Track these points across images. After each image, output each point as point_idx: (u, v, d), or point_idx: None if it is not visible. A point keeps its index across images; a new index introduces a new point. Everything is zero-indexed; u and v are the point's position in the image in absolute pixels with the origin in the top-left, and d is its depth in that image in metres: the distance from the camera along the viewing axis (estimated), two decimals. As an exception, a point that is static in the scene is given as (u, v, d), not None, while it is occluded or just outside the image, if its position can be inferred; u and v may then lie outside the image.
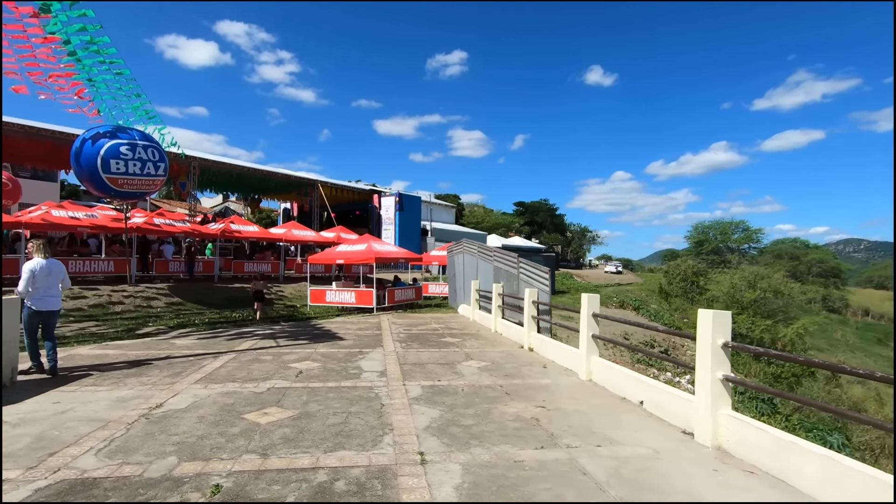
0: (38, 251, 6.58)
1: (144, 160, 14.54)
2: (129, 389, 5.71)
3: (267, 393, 5.67)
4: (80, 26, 10.43)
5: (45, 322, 6.52)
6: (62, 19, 10.12)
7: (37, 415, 4.73)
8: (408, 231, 35.02)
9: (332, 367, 7.22)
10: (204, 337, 10.09)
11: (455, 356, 8.30)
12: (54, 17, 10.06)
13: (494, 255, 12.33)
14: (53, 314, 6.62)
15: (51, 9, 9.92)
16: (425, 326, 12.34)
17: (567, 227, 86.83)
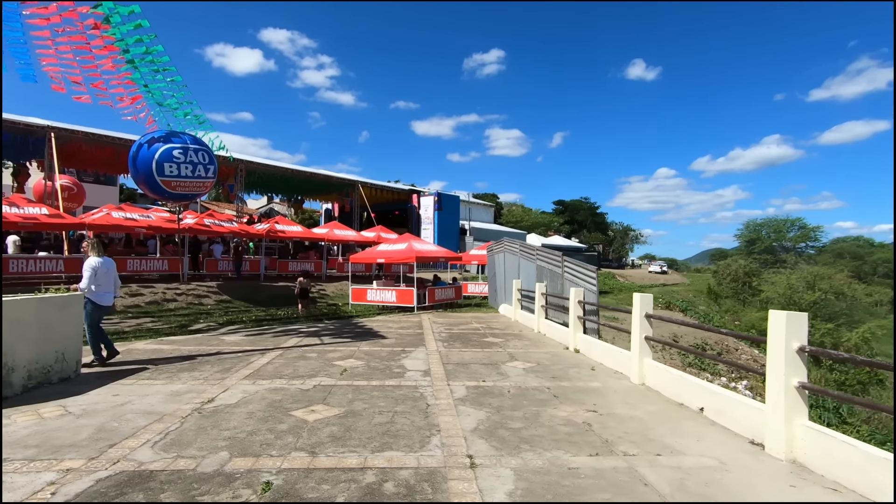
0: (94, 249, 6.91)
1: (195, 163, 15.13)
2: (182, 384, 5.87)
3: (313, 390, 5.69)
4: (137, 38, 10.89)
5: (101, 317, 6.86)
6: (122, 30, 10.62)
7: (98, 406, 4.92)
8: (446, 230, 35.04)
9: (375, 365, 7.21)
10: (251, 334, 10.34)
11: (499, 357, 8.13)
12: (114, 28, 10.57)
13: (537, 254, 12.06)
14: (110, 309, 6.98)
15: (110, 20, 10.42)
16: (466, 326, 12.22)
17: (609, 226, 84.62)
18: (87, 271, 6.68)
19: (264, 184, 31.37)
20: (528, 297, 12.96)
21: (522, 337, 10.45)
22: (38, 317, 5.52)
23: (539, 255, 11.90)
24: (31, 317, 5.42)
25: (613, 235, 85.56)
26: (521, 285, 13.65)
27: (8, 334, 5.11)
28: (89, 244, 7.05)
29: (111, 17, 10.40)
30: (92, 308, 6.69)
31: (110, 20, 10.45)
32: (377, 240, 24.09)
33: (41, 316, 5.57)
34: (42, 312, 5.59)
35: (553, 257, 10.85)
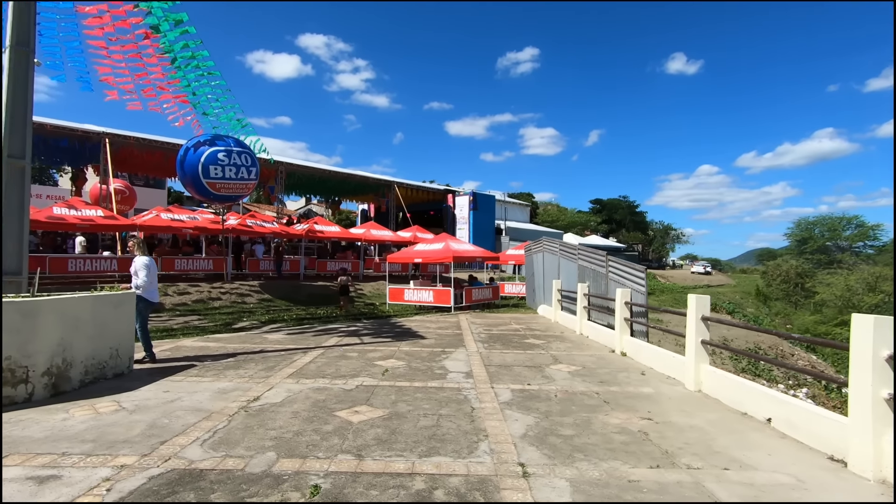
0: (139, 249, 7.14)
1: (239, 165, 15.54)
2: (228, 381, 5.94)
3: (356, 390, 5.64)
4: (184, 43, 11.21)
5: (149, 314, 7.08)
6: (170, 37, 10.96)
7: (149, 402, 5.01)
8: (482, 230, 34.82)
9: (416, 366, 7.11)
10: (293, 333, 10.47)
11: (542, 359, 7.89)
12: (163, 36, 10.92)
13: (579, 254, 11.71)
14: (158, 307, 7.21)
15: (160, 28, 10.77)
16: (505, 327, 12.00)
17: (648, 225, 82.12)
18: (142, 269, 6.90)
19: (303, 185, 32.00)
20: (569, 298, 12.61)
21: (564, 339, 10.15)
22: (93, 314, 5.70)
23: (581, 255, 11.55)
24: (87, 314, 5.61)
25: (653, 235, 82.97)
26: (562, 286, 13.31)
27: (66, 331, 5.30)
28: (136, 244, 7.27)
29: (160, 24, 10.75)
30: (144, 305, 6.89)
31: (159, 28, 10.81)
32: (413, 240, 24.15)
33: (97, 313, 5.75)
34: (98, 310, 5.78)
35: (597, 257, 10.49)
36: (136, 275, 6.93)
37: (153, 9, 10.31)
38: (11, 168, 6.15)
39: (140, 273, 6.89)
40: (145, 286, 6.87)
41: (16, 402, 4.83)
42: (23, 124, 6.26)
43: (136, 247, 7.24)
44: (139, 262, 6.95)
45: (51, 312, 5.12)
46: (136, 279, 6.89)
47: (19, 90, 6.24)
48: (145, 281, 6.86)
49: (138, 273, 6.90)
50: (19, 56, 6.26)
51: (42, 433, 4.08)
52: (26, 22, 6.40)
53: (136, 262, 6.99)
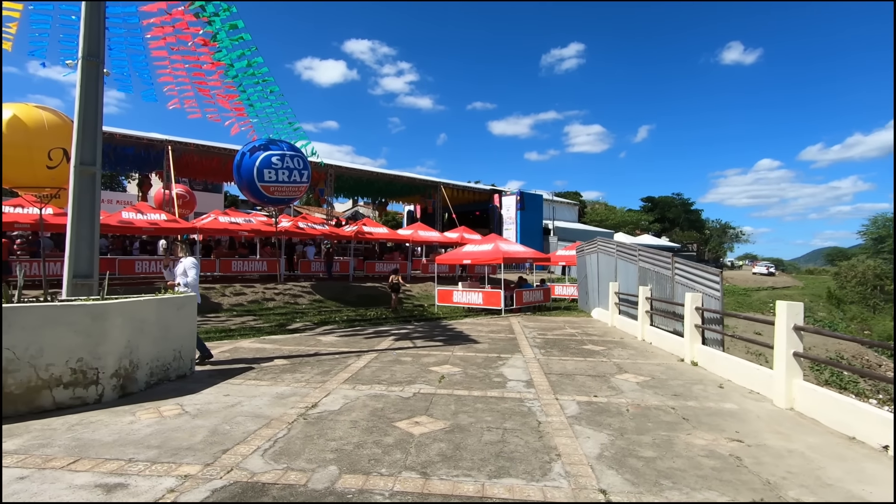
0: (183, 249, 7.27)
1: (291, 168, 15.84)
2: (286, 386, 5.89)
3: (414, 399, 5.44)
4: (241, 52, 11.48)
5: None
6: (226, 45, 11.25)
7: (210, 407, 5.01)
8: (529, 230, 34.16)
9: (473, 372, 6.84)
10: (345, 335, 10.47)
11: (605, 367, 7.42)
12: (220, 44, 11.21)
13: (640, 255, 11.07)
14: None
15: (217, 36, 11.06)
16: (560, 331, 11.53)
17: (704, 224, 78.17)
18: (192, 268, 7.01)
19: (351, 187, 32.55)
20: (628, 302, 11.97)
21: (625, 345, 9.59)
22: (158, 317, 5.79)
23: (642, 256, 10.90)
24: (152, 317, 5.70)
25: (709, 234, 78.92)
26: (619, 288, 12.67)
27: (133, 333, 5.39)
28: (179, 245, 7.41)
29: (218, 33, 11.05)
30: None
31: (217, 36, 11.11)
32: (460, 241, 23.93)
33: (161, 316, 5.85)
34: (162, 313, 5.87)
35: (660, 258, 9.85)
36: (185, 274, 7.02)
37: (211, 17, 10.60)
38: (83, 174, 6.38)
39: (190, 272, 6.98)
40: (193, 285, 6.96)
41: (87, 403, 4.95)
42: (93, 132, 6.49)
43: (181, 248, 7.36)
44: (188, 262, 7.05)
45: (118, 315, 5.22)
46: (186, 278, 6.98)
47: (90, 100, 6.46)
48: (195, 279, 6.96)
49: (188, 272, 6.99)
50: (90, 67, 6.49)
51: (110, 436, 4.11)
52: (96, 34, 6.64)
53: (185, 261, 7.07)
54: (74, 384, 4.87)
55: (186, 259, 7.13)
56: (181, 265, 7.12)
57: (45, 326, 4.73)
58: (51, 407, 4.74)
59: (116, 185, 46.79)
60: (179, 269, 7.11)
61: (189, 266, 7.02)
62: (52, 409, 4.74)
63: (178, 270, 7.12)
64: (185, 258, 7.15)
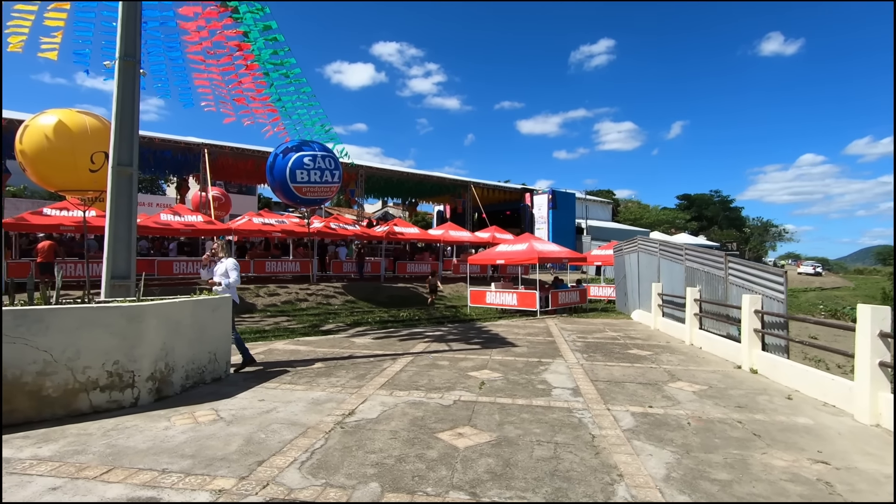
0: (224, 250, 7.07)
1: (323, 169, 15.83)
2: (321, 391, 5.68)
3: (455, 407, 5.13)
4: (273, 51, 11.44)
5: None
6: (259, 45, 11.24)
7: (245, 412, 4.83)
8: (562, 229, 33.44)
9: (514, 378, 6.49)
10: (379, 336, 10.27)
11: (655, 374, 6.94)
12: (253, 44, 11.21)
13: (687, 254, 10.45)
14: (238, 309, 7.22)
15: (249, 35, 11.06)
16: (601, 334, 11.02)
17: (744, 222, 75.14)
18: (234, 270, 6.84)
19: (381, 188, 32.61)
20: (673, 304, 11.36)
21: (673, 350, 9.04)
22: (193, 318, 5.69)
23: (690, 256, 10.29)
24: (188, 318, 5.60)
25: (750, 232, 75.81)
26: (663, 289, 12.05)
27: (169, 335, 5.29)
28: (220, 245, 7.14)
29: (250, 32, 11.04)
30: (233, 307, 6.79)
31: (249, 35, 11.10)
32: (492, 240, 23.55)
33: (196, 318, 5.75)
34: (197, 314, 5.77)
35: (711, 258, 9.24)
36: (226, 275, 6.83)
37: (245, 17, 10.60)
38: (120, 175, 6.36)
39: (232, 273, 6.81)
40: (234, 286, 6.84)
41: (123, 407, 4.85)
42: (130, 133, 6.46)
43: (221, 248, 7.13)
44: (230, 263, 6.89)
45: (154, 317, 5.12)
46: (227, 279, 6.80)
47: (127, 100, 6.44)
48: (237, 281, 6.85)
49: (230, 273, 6.81)
50: (126, 67, 6.47)
51: (145, 444, 3.96)
52: (132, 35, 6.62)
53: (227, 262, 6.90)
54: (111, 387, 4.78)
55: (228, 260, 6.95)
56: (223, 265, 6.92)
57: (83, 328, 4.66)
58: (88, 410, 4.66)
59: (156, 188, 48.42)
60: (220, 269, 6.92)
61: (231, 267, 6.87)
62: (88, 412, 4.66)
63: (218, 270, 6.95)
64: (226, 259, 7.00)
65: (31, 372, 4.41)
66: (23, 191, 31.45)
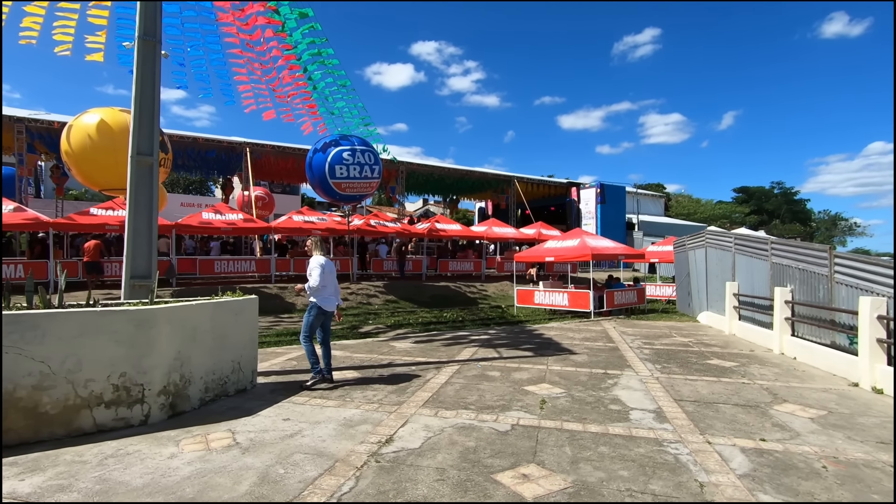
0: (317, 248, 6.08)
1: (362, 164, 15.22)
2: (355, 408, 4.90)
3: (513, 434, 4.22)
4: (311, 40, 10.86)
5: (325, 324, 6.01)
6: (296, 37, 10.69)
7: (266, 436, 4.10)
8: (611, 225, 31.66)
9: (580, 395, 5.50)
10: (420, 340, 9.47)
11: (751, 392, 5.75)
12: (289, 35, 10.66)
13: (773, 249, 9.05)
14: (332, 316, 6.07)
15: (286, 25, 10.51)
16: (668, 340, 9.77)
17: (810, 215, 69.76)
18: (315, 268, 5.75)
19: (422, 185, 31.93)
20: (754, 306, 9.95)
21: (762, 361, 7.73)
22: (213, 323, 5.04)
23: (778, 250, 8.88)
24: (206, 323, 4.96)
25: (816, 226, 70.30)
26: (739, 289, 10.63)
27: (184, 343, 4.65)
28: (313, 242, 6.17)
29: (286, 22, 10.48)
30: (316, 314, 5.82)
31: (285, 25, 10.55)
32: (538, 237, 22.38)
33: (217, 322, 5.10)
34: (218, 319, 5.12)
35: (809, 252, 7.85)
36: (309, 275, 5.79)
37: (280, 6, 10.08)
38: (139, 165, 5.83)
39: (313, 273, 5.71)
40: (316, 289, 5.70)
41: (131, 425, 4.24)
42: (150, 119, 5.93)
43: (314, 246, 6.13)
44: (313, 262, 5.80)
45: (166, 322, 4.49)
46: (308, 281, 5.77)
47: (147, 83, 5.90)
48: (317, 283, 5.66)
49: (312, 273, 5.74)
50: (146, 48, 5.93)
51: (142, 478, 3.28)
52: (152, 13, 6.08)
53: (311, 261, 5.86)
54: (117, 403, 4.18)
55: (313, 258, 5.89)
56: (308, 265, 5.88)
57: (84, 336, 4.06)
58: (91, 429, 4.06)
59: (206, 190, 50.01)
60: (308, 269, 5.87)
61: (313, 266, 5.77)
62: (92, 431, 4.06)
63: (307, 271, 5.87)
64: (313, 257, 5.94)
65: (25, 386, 3.84)
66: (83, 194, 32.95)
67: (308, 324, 5.80)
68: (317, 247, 6.03)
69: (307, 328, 5.80)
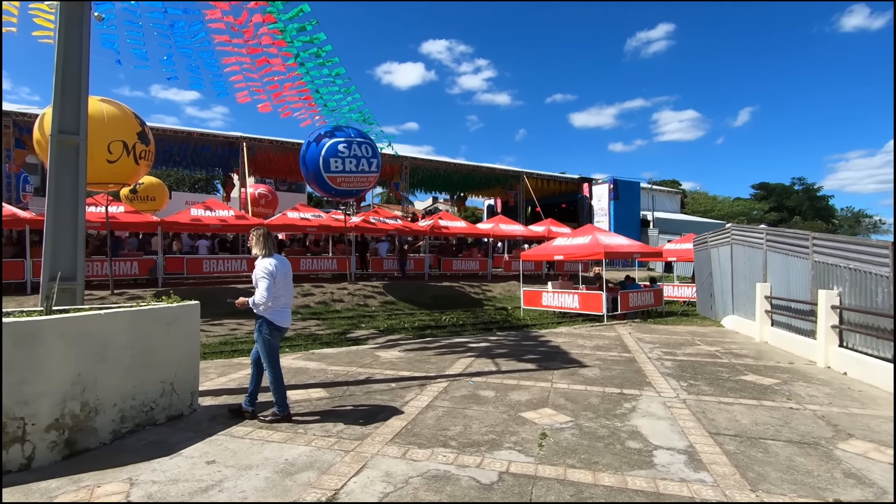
0: (260, 243, 4.45)
1: (359, 157, 14.25)
2: (305, 445, 3.90)
3: (500, 489, 3.18)
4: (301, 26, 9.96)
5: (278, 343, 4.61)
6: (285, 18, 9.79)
7: (171, 491, 3.11)
8: (624, 222, 30.38)
9: (590, 427, 4.43)
10: (412, 348, 8.46)
11: (804, 423, 4.63)
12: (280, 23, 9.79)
13: (815, 246, 7.85)
14: (284, 332, 4.67)
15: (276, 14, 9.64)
16: (692, 349, 8.64)
17: (833, 212, 67.38)
18: (263, 279, 4.27)
19: (427, 181, 30.95)
20: (789, 310, 8.78)
21: (806, 376, 6.58)
22: (132, 337, 4.08)
23: (821, 248, 7.69)
24: (122, 337, 3.99)
25: (838, 224, 67.88)
26: (772, 291, 9.45)
27: (87, 363, 3.69)
28: (257, 237, 4.48)
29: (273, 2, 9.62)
30: (268, 331, 4.41)
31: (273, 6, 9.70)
32: (547, 234, 21.26)
33: (138, 335, 4.13)
34: (139, 330, 4.15)
35: (866, 250, 6.66)
36: (255, 284, 4.37)
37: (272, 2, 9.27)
38: (62, 146, 4.91)
39: (261, 284, 4.27)
40: (266, 301, 4.27)
41: (8, 471, 3.29)
42: (76, 91, 5.00)
43: (256, 240, 4.48)
44: (261, 267, 4.34)
45: (59, 338, 3.53)
46: (255, 292, 4.32)
47: (72, 50, 4.98)
48: (267, 298, 4.24)
49: (259, 283, 4.30)
50: (70, 8, 4.99)
51: (-38, 567, 2.31)
52: (81, -35, 5.13)
53: (258, 266, 4.39)
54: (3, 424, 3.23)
55: (260, 262, 4.42)
56: (255, 270, 4.44)
57: (-60, 357, 3.12)
58: (-52, 479, 3.12)
59: (212, 188, 49.56)
60: (254, 275, 4.46)
61: (260, 272, 4.33)
62: (-50, 481, 3.12)
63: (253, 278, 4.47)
64: (259, 259, 4.45)
65: None
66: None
67: (269, 349, 4.42)
68: (259, 242, 4.45)
69: (270, 354, 4.42)
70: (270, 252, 4.47)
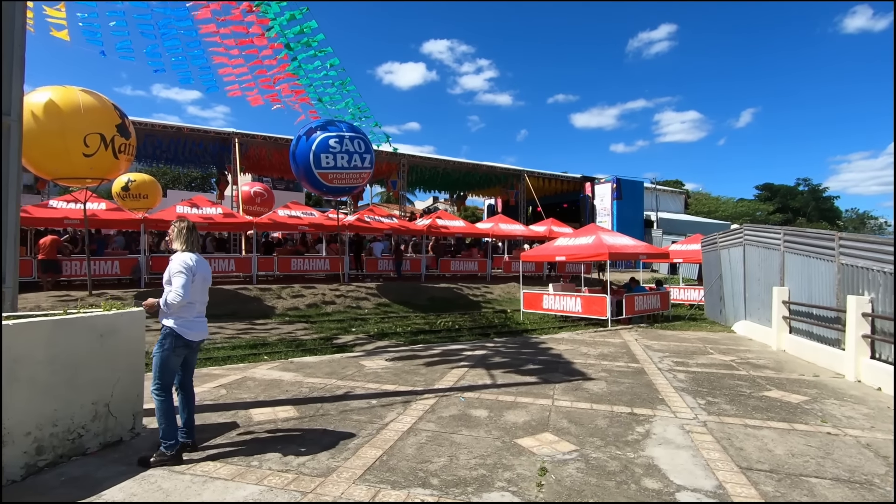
0: (180, 237, 3.77)
1: (351, 152, 13.58)
2: (255, 484, 3.24)
3: (487, 553, 2.52)
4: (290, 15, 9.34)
5: (189, 361, 3.85)
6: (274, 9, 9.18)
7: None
8: (628, 222, 29.70)
9: (598, 458, 3.77)
10: (400, 356, 7.80)
11: (848, 453, 3.96)
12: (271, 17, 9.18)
13: (841, 247, 7.18)
14: (198, 348, 3.95)
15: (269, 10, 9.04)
16: (705, 358, 7.97)
17: (838, 214, 66.57)
18: (179, 275, 3.56)
19: (426, 180, 30.28)
20: (811, 317, 8.12)
21: (836, 392, 5.91)
22: (53, 350, 3.42)
23: (848, 249, 7.02)
24: (39, 352, 3.34)
25: (843, 225, 67.06)
26: (791, 296, 8.78)
27: (-11, 384, 3.04)
28: (178, 230, 3.79)
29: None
30: (170, 344, 3.61)
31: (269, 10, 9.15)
32: (549, 234, 20.59)
33: (62, 349, 3.48)
34: (62, 343, 3.50)
35: None
36: (167, 283, 3.63)
37: None
38: (-11, 128, 4.24)
39: (175, 280, 3.55)
40: (179, 306, 3.56)
41: None
42: (9, 66, 4.34)
43: (178, 235, 3.79)
44: (176, 262, 3.64)
45: (-51, 355, 2.88)
46: (167, 292, 3.60)
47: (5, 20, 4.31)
48: (182, 297, 3.51)
49: (173, 280, 3.57)
50: (2, -30, 4.33)
51: None
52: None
53: (173, 260, 3.68)
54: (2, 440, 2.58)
55: (176, 257, 3.70)
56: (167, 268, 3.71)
57: None
58: None
59: (209, 186, 48.89)
60: (166, 274, 3.71)
61: (175, 270, 3.61)
62: None
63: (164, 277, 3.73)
64: (174, 255, 3.75)
65: None
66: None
67: (161, 364, 3.59)
68: (180, 236, 3.76)
69: (161, 372, 3.60)
70: (192, 248, 3.78)
